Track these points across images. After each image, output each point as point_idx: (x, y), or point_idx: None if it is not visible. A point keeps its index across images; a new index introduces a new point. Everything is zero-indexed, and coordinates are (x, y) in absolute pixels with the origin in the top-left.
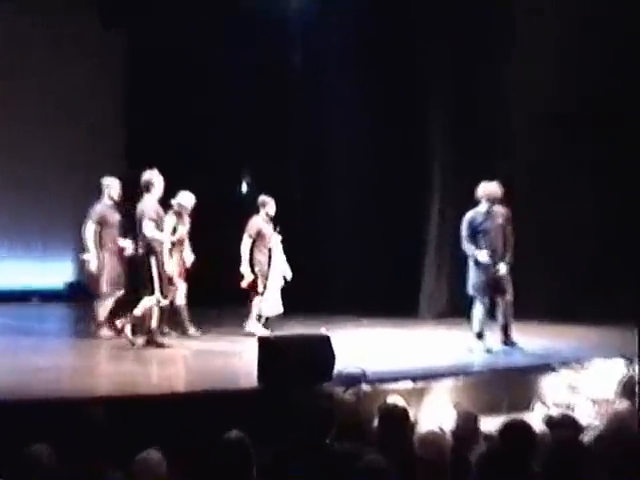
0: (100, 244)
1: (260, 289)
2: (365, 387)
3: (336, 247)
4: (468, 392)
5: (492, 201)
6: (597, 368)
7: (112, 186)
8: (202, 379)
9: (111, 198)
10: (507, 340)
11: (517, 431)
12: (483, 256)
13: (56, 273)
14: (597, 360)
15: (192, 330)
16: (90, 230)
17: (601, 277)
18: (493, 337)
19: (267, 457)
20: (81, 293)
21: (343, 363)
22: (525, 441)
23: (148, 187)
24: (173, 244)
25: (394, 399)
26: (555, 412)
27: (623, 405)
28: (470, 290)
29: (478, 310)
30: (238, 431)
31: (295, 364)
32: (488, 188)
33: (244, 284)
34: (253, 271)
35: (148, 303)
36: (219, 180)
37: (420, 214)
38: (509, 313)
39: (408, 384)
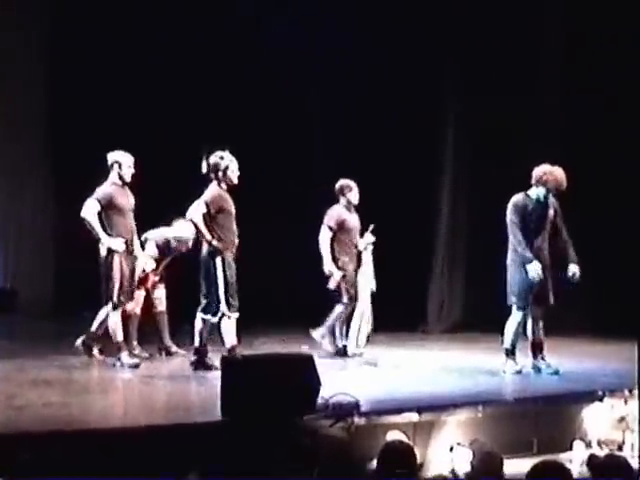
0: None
1: (345, 299)
2: (359, 420)
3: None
4: (489, 427)
5: (551, 189)
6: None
7: (123, 163)
8: (145, 411)
9: (121, 178)
10: (540, 360)
11: (551, 476)
12: (533, 270)
13: None
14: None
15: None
16: (89, 208)
17: None
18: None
19: None
20: None
21: (330, 390)
22: None
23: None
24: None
25: (395, 435)
26: (600, 452)
27: None
28: (512, 297)
29: (515, 321)
30: (196, 476)
31: (268, 391)
32: (553, 172)
33: (332, 284)
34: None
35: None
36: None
37: (428, 210)
38: (540, 327)
39: (413, 416)
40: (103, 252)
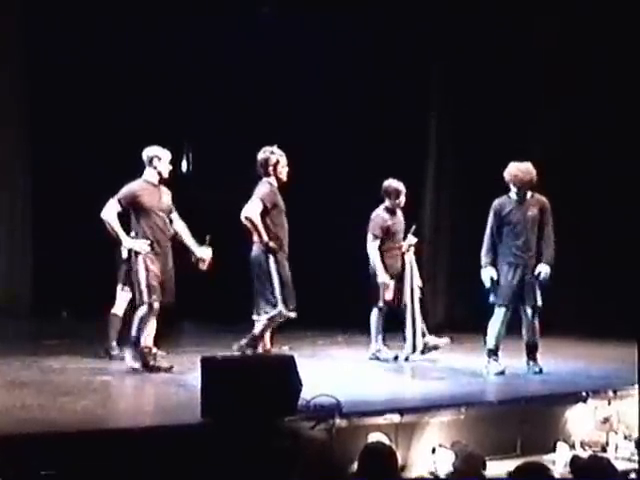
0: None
1: (380, 303)
2: (340, 422)
3: (310, 252)
4: (471, 428)
5: (522, 187)
6: (638, 397)
7: (162, 157)
8: (125, 413)
9: (159, 174)
10: (531, 361)
11: (534, 477)
12: (484, 276)
13: None
14: (638, 387)
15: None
16: (109, 209)
17: None
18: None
19: None
20: None
21: (312, 391)
22: None
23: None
24: None
25: (377, 437)
26: (583, 454)
27: None
28: (491, 296)
29: (496, 320)
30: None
31: (249, 392)
32: (517, 169)
33: (389, 296)
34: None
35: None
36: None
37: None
38: (534, 329)
39: (395, 418)
40: (125, 254)
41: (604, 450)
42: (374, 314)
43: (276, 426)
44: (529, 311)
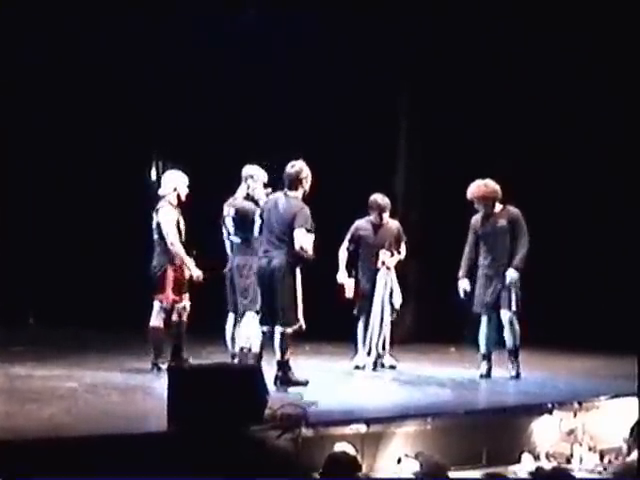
0: None
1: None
2: (306, 431)
3: None
4: (438, 438)
5: (486, 202)
6: (603, 409)
7: (257, 178)
8: (91, 420)
9: (248, 194)
10: (510, 364)
11: None
12: (459, 287)
13: None
14: (603, 399)
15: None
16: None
17: (612, 299)
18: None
19: None
20: None
21: (278, 400)
22: None
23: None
24: None
25: (343, 447)
26: (547, 465)
27: (635, 456)
28: (474, 305)
29: (481, 328)
30: None
31: (216, 401)
32: (476, 187)
33: (348, 294)
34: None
35: None
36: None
37: None
38: (513, 334)
39: (361, 428)
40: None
41: (569, 462)
42: (360, 324)
43: (242, 435)
44: (506, 317)
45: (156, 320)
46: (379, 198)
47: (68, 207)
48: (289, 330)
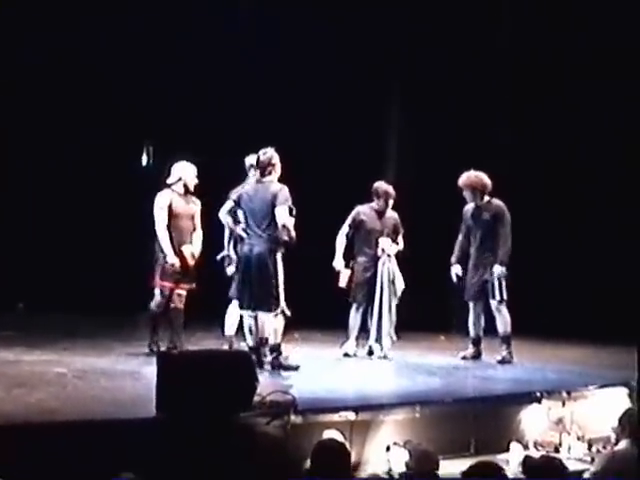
0: None
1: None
2: (295, 418)
3: None
4: (426, 427)
5: (473, 192)
6: (592, 399)
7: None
8: (79, 406)
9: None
10: (502, 352)
11: (486, 476)
12: (451, 272)
13: None
14: (592, 389)
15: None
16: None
17: (601, 288)
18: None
19: None
20: None
21: (267, 387)
22: None
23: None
24: None
25: (332, 434)
26: (536, 454)
27: (623, 446)
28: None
29: (470, 315)
30: (130, 474)
31: (204, 388)
32: (467, 177)
33: (342, 283)
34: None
35: None
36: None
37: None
38: (502, 321)
39: (350, 415)
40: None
41: (557, 450)
42: (352, 311)
43: (231, 422)
44: (494, 306)
45: (152, 305)
46: (385, 185)
47: (58, 195)
48: (271, 315)
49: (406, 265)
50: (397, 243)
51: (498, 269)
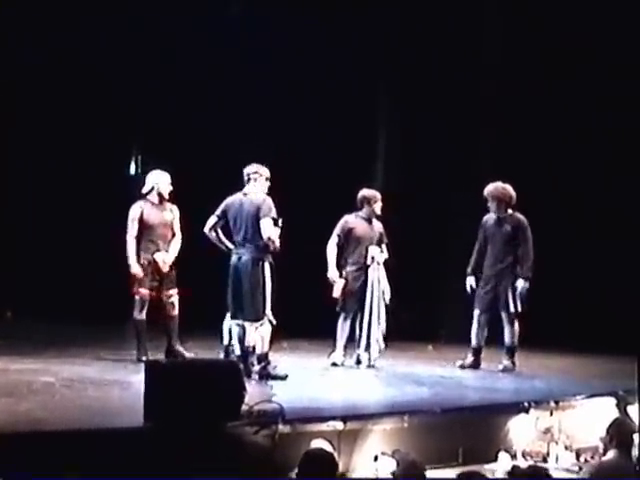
0: None
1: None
2: (283, 428)
3: None
4: (415, 436)
5: (499, 204)
6: (580, 409)
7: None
8: (67, 415)
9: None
10: (505, 362)
11: None
12: (468, 282)
13: None
14: (580, 399)
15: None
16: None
17: (590, 299)
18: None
19: None
20: None
21: (255, 397)
22: None
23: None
24: None
25: (319, 444)
26: (524, 463)
27: (611, 456)
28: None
29: (473, 323)
30: None
31: (192, 397)
32: (494, 188)
33: (336, 293)
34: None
35: None
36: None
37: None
38: (511, 333)
39: (338, 425)
40: None
41: (545, 460)
42: (340, 320)
43: (219, 431)
44: (504, 317)
45: (134, 313)
46: (371, 191)
47: (48, 203)
48: (257, 324)
49: (394, 274)
50: (382, 252)
51: (522, 283)
